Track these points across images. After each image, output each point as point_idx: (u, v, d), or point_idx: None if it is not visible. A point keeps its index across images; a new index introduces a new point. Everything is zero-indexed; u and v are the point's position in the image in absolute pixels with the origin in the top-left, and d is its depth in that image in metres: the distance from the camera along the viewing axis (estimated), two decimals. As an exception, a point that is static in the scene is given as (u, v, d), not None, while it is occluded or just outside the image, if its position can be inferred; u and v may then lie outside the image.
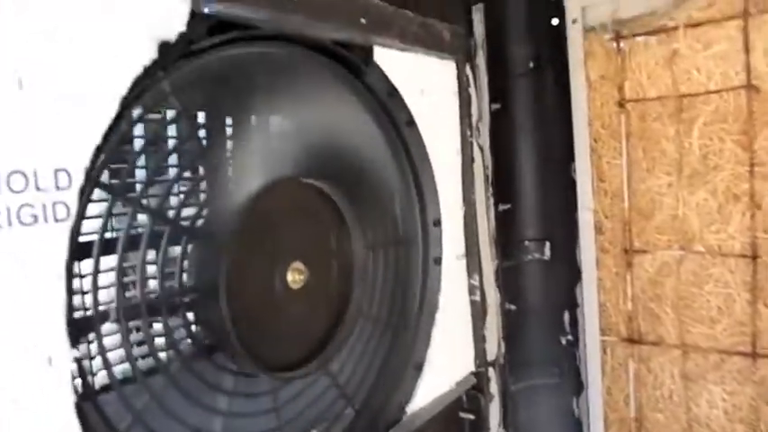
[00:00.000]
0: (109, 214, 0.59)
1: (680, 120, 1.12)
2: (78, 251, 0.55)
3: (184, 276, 0.72)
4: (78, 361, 0.53)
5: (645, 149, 1.16)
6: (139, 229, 0.64)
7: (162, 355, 0.69)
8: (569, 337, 1.32)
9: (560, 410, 1.36)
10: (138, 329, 0.66)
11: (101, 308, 0.60)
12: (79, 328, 0.56)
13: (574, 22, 1.23)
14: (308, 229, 0.84)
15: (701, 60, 1.10)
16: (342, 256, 0.89)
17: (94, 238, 0.58)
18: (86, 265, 0.57)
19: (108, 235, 0.59)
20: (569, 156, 1.28)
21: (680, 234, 1.13)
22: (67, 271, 0.50)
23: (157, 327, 0.69)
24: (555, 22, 1.25)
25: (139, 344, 0.64)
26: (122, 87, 0.53)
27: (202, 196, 0.74)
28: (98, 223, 0.58)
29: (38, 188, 0.47)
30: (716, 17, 1.07)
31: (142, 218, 0.65)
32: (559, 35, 1.27)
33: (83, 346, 0.57)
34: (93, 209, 0.58)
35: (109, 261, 0.61)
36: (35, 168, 0.47)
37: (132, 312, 0.65)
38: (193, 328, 0.73)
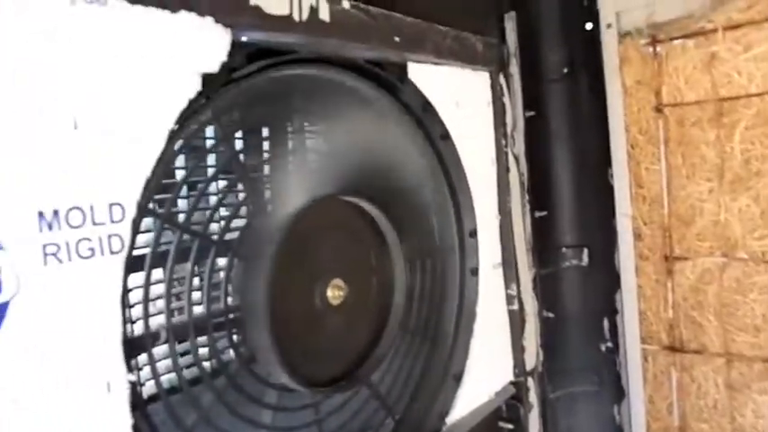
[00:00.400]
0: (157, 241, 0.61)
1: (720, 124, 1.10)
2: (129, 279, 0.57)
3: (229, 297, 0.74)
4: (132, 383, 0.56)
5: (684, 155, 1.14)
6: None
7: (208, 371, 0.71)
8: (609, 345, 1.31)
9: (601, 418, 1.34)
10: (185, 353, 0.68)
11: (151, 330, 0.63)
12: (132, 350, 0.59)
13: (608, 26, 1.22)
14: (347, 245, 0.86)
15: (742, 63, 1.08)
16: (380, 271, 0.91)
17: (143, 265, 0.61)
18: (136, 292, 0.59)
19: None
20: (606, 161, 1.27)
21: (722, 240, 1.11)
22: (122, 300, 0.52)
23: (203, 346, 0.72)
24: (589, 26, 1.24)
25: (189, 366, 0.66)
26: (170, 122, 0.55)
27: (245, 218, 0.76)
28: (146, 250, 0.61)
29: (94, 222, 0.49)
30: (756, 18, 1.05)
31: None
32: (593, 40, 1.26)
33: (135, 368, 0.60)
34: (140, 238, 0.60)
35: (155, 287, 0.64)
36: (91, 204, 0.49)
37: (180, 333, 0.68)
38: (237, 345, 0.75)
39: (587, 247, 1.30)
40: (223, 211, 0.75)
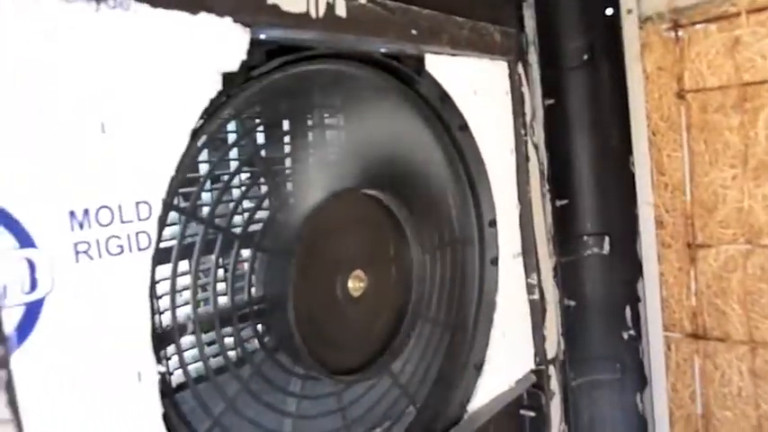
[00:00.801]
0: (182, 236, 0.63)
1: (744, 109, 1.08)
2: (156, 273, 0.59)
3: (253, 289, 0.76)
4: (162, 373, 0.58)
5: (707, 141, 1.13)
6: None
7: (233, 360, 0.74)
8: (631, 332, 1.31)
9: (623, 406, 1.34)
10: (211, 343, 0.70)
11: (179, 321, 0.65)
12: (161, 342, 0.61)
13: (629, 12, 1.20)
14: (368, 238, 0.87)
15: (766, 47, 1.06)
16: (400, 262, 0.92)
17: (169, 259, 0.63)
18: (163, 285, 0.62)
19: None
20: (627, 149, 1.26)
21: (746, 228, 1.10)
22: (150, 294, 0.54)
23: (228, 336, 0.74)
24: (609, 12, 1.23)
25: (215, 356, 0.68)
26: (192, 121, 0.57)
27: (267, 212, 0.78)
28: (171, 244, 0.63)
29: (122, 221, 0.51)
30: (781, 1, 1.03)
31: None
32: (614, 26, 1.24)
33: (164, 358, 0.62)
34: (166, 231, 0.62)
35: (181, 279, 0.66)
36: (119, 203, 0.51)
37: (206, 324, 0.70)
38: (262, 335, 0.77)
39: (608, 235, 1.30)
40: (246, 204, 0.77)
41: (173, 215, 0.62)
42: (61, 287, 0.47)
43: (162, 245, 0.60)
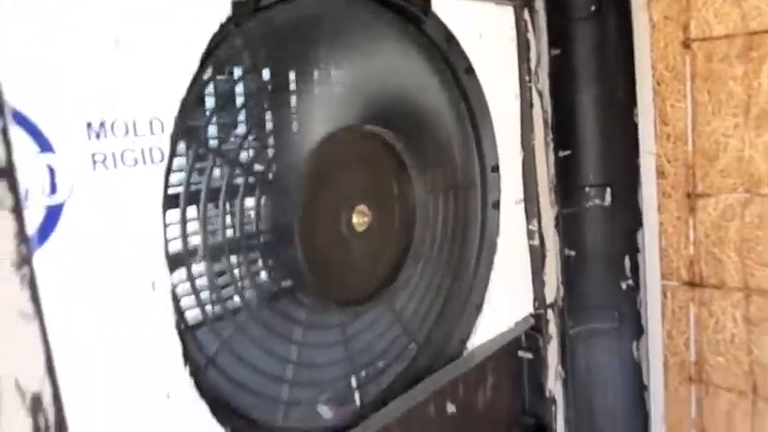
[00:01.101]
0: (192, 166, 0.65)
1: (749, 58, 1.08)
2: (168, 199, 0.62)
3: (261, 221, 0.78)
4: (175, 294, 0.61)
5: (710, 91, 1.13)
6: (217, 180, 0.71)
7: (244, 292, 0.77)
8: (630, 282, 1.34)
9: (620, 354, 1.38)
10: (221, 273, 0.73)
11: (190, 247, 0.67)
12: (173, 263, 0.64)
13: (637, -40, 1.20)
14: (372, 174, 0.89)
15: (774, -6, 1.06)
16: (403, 201, 0.94)
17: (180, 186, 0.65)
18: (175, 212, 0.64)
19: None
20: (632, 101, 1.26)
21: (745, 177, 1.11)
22: (164, 207, 0.57)
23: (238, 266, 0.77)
24: (618, -39, 1.22)
25: (223, 287, 0.71)
26: (202, 44, 0.59)
27: (273, 146, 0.80)
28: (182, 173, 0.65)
29: (136, 134, 0.54)
30: (791, -54, 1.03)
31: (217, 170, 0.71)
32: (622, -26, 1.24)
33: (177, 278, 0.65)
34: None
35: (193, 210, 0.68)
36: (134, 118, 0.53)
37: (216, 252, 0.72)
38: (270, 266, 0.80)
39: (610, 186, 1.31)
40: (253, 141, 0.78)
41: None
42: (80, 194, 0.49)
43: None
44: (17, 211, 0.45)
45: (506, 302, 1.12)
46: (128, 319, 0.54)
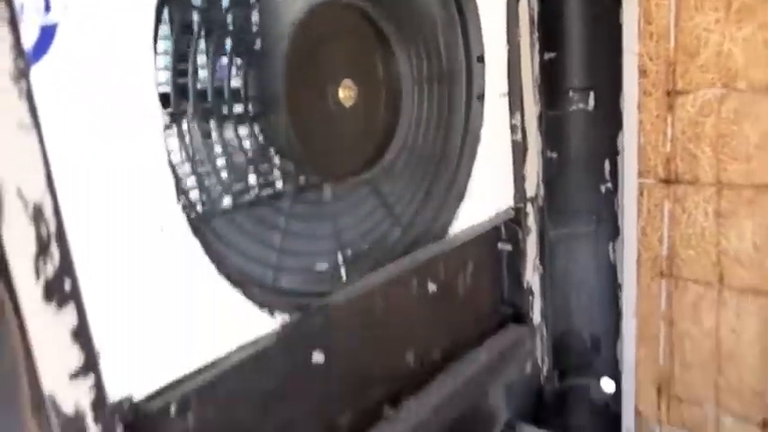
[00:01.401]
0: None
1: (733, -48, 1.09)
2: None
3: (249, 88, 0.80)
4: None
5: (695, -14, 1.14)
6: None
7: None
8: (608, 185, 1.38)
9: (596, 256, 1.44)
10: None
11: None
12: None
13: None
14: (356, 48, 0.91)
15: None
16: (389, 82, 0.96)
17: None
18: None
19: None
20: (618, 2, 1.27)
21: (723, 71, 1.13)
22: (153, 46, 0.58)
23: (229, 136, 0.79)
24: None
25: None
26: None
27: (258, 15, 0.81)
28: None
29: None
30: None
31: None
32: None
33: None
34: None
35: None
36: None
37: (206, 115, 0.74)
38: (257, 132, 0.82)
39: (594, 90, 1.34)
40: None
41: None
42: (73, 14, 0.51)
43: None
44: (13, 23, 0.46)
45: (488, 193, 1.15)
46: (121, 144, 0.56)
